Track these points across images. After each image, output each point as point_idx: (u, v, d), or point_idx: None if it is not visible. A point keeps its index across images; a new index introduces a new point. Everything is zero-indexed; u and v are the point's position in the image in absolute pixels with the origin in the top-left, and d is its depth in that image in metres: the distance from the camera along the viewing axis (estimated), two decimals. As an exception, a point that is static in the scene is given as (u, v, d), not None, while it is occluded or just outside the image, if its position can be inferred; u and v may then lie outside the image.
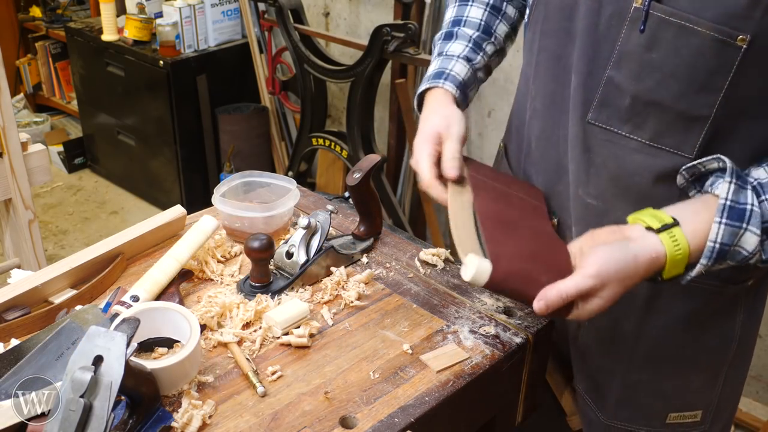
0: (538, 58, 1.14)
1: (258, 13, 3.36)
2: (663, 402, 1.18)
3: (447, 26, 1.28)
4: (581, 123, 1.06)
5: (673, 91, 0.97)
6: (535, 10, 1.14)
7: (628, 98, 1.00)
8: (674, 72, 0.96)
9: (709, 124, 0.97)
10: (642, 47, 0.97)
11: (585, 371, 1.24)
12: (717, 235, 0.93)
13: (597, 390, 1.22)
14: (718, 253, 0.94)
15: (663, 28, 0.94)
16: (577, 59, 1.04)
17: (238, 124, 3.45)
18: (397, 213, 2.88)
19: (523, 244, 1.09)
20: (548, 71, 1.12)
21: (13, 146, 1.87)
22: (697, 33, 0.92)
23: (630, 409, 1.19)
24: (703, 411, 1.19)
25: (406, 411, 1.02)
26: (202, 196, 3.52)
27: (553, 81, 1.11)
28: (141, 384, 0.95)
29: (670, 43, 0.94)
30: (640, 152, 1.02)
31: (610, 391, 1.20)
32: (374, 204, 1.37)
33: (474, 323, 1.20)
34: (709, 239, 0.93)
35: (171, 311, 1.10)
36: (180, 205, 1.39)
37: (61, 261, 1.24)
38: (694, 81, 0.95)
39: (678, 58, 0.95)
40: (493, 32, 1.27)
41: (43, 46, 4.34)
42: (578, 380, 1.26)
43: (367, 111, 2.79)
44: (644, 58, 0.97)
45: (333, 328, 1.18)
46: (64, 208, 3.83)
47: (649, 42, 0.96)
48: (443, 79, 1.20)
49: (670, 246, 0.94)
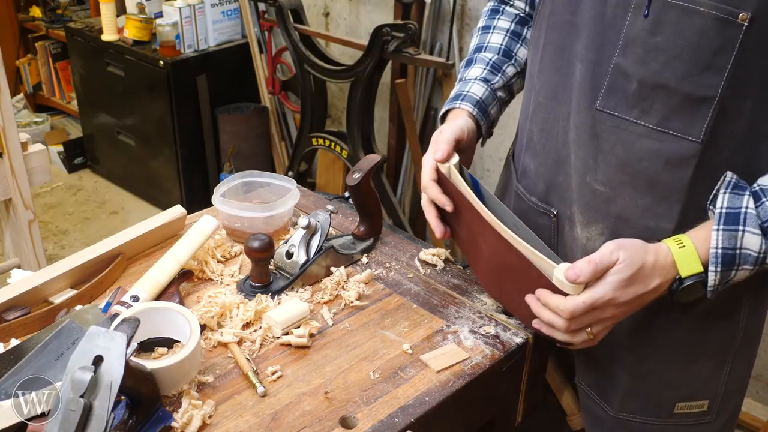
0: (543, 52, 1.17)
1: (258, 13, 3.36)
2: (671, 391, 1.19)
3: (469, 54, 1.36)
4: (589, 111, 1.08)
5: (678, 72, 0.99)
6: (542, 6, 1.17)
7: (635, 83, 1.03)
8: (679, 53, 0.98)
9: (715, 106, 0.99)
10: (646, 32, 1.00)
11: (592, 364, 1.24)
12: (717, 242, 0.99)
13: (604, 383, 1.22)
14: (723, 258, 0.99)
15: (666, 11, 0.97)
16: (584, 49, 1.07)
17: (238, 124, 3.44)
18: (397, 213, 2.88)
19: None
20: (552, 63, 1.15)
21: (13, 146, 1.87)
22: (699, 13, 0.95)
23: (638, 400, 1.20)
24: (710, 401, 1.20)
25: (406, 411, 1.02)
26: (202, 196, 3.51)
27: (557, 73, 1.14)
28: (141, 384, 0.95)
29: (673, 25, 0.97)
30: (648, 137, 1.04)
31: (618, 383, 1.20)
32: (374, 204, 1.37)
33: (474, 323, 1.20)
34: (711, 246, 0.99)
35: (171, 311, 1.10)
36: (180, 205, 1.39)
37: (61, 261, 1.24)
38: (699, 61, 0.97)
39: (682, 39, 0.97)
40: (514, 55, 1.33)
41: (43, 46, 4.34)
42: (582, 375, 1.26)
43: (367, 111, 2.79)
44: (649, 42, 1.00)
45: (333, 328, 1.18)
46: (64, 208, 3.83)
47: (653, 26, 0.99)
48: (460, 101, 1.28)
49: (672, 242, 1.01)
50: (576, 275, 0.99)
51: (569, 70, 1.11)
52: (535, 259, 1.05)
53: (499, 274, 1.18)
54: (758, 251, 0.99)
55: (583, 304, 1.00)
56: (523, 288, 1.09)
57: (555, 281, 1.02)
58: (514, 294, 1.14)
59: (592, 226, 1.14)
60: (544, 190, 1.22)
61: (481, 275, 1.26)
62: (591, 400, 1.25)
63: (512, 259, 1.08)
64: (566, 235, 1.20)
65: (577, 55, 1.09)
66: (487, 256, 1.17)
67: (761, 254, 0.99)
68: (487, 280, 1.25)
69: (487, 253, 1.16)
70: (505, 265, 1.12)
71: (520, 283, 1.09)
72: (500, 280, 1.19)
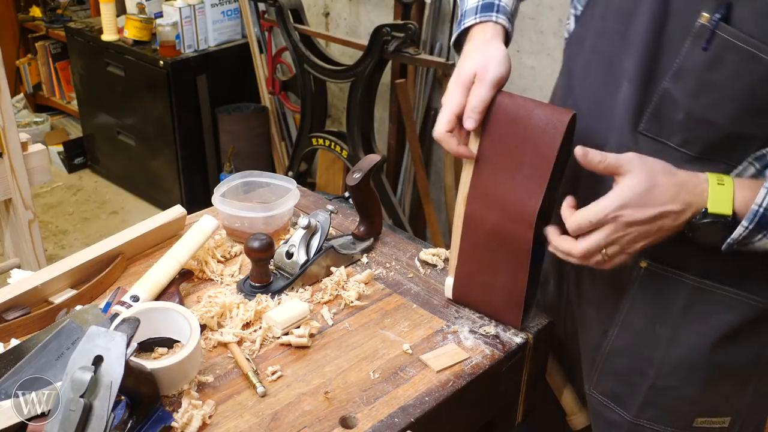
0: (590, 57, 1.11)
1: (258, 13, 3.36)
2: (690, 406, 1.16)
3: None
4: (632, 133, 1.05)
5: (729, 112, 0.96)
6: (592, 6, 1.10)
7: (682, 113, 0.99)
8: (733, 95, 0.95)
9: (760, 141, 0.97)
10: (703, 65, 0.95)
11: (611, 373, 1.21)
12: (764, 200, 0.94)
13: (622, 390, 1.20)
14: (761, 218, 0.94)
15: (728, 51, 0.93)
16: (634, 67, 1.03)
17: (238, 124, 3.44)
18: (397, 213, 2.88)
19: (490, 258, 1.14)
20: (599, 74, 1.10)
21: (13, 146, 1.87)
22: (761, 60, 0.91)
23: (657, 410, 1.18)
24: (732, 418, 1.17)
25: (406, 411, 1.02)
26: (202, 196, 3.51)
27: (602, 86, 1.09)
28: (141, 384, 0.95)
29: (733, 66, 0.93)
30: (689, 163, 1.02)
31: (637, 392, 1.18)
32: (374, 204, 1.37)
33: (474, 323, 1.20)
34: (755, 202, 0.95)
35: (171, 311, 1.10)
36: (180, 205, 1.39)
37: (61, 261, 1.24)
38: (752, 105, 0.94)
39: (740, 83, 0.94)
40: None
41: (43, 46, 4.34)
42: (594, 384, 1.23)
43: (367, 111, 2.79)
44: (704, 76, 0.96)
45: (333, 328, 1.18)
46: (64, 208, 3.83)
47: (712, 62, 0.94)
48: (495, 12, 1.11)
49: (713, 176, 0.97)
50: (584, 152, 0.99)
51: (615, 87, 1.06)
52: None
53: (495, 244, 1.14)
54: None
55: (587, 217, 0.98)
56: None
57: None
58: (503, 265, 1.13)
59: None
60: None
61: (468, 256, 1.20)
62: (605, 407, 1.23)
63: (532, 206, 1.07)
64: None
65: (625, 73, 1.04)
66: (496, 216, 1.12)
67: None
68: (474, 261, 1.19)
69: (501, 205, 1.11)
70: (515, 219, 1.09)
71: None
72: (492, 252, 1.15)
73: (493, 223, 1.13)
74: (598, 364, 1.21)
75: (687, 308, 1.11)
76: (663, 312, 1.12)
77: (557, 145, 1.04)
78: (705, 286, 1.08)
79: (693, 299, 1.10)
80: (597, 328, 1.21)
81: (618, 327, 1.17)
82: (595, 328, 1.21)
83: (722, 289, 1.07)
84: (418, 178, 2.91)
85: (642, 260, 1.10)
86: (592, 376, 1.24)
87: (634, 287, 1.13)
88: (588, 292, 1.22)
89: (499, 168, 1.11)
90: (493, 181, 1.12)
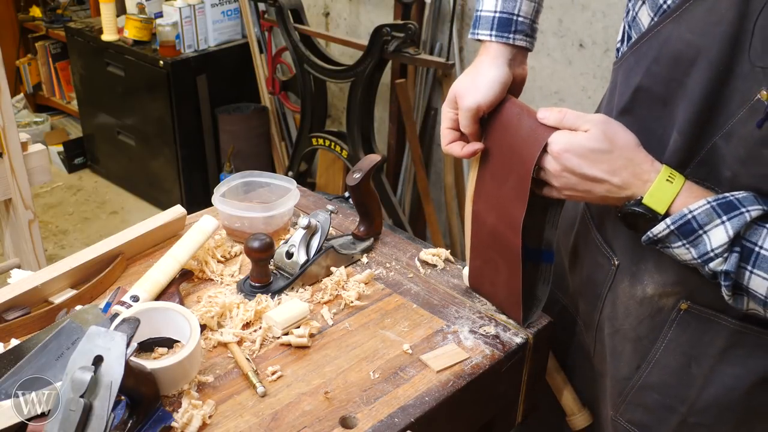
0: (637, 95, 1.05)
1: (258, 13, 3.36)
2: None
3: None
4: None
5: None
6: (644, 43, 1.03)
7: (730, 172, 0.96)
8: None
9: None
10: (756, 139, 0.92)
11: (640, 405, 1.18)
12: (697, 208, 0.93)
13: (650, 422, 1.18)
14: (685, 224, 0.93)
15: None
16: (687, 122, 0.98)
17: (238, 124, 3.45)
18: (397, 213, 2.88)
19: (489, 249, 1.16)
20: (648, 116, 1.04)
21: (13, 146, 1.87)
22: None
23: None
24: None
25: (406, 411, 1.02)
26: (202, 196, 3.52)
27: (650, 135, 1.03)
28: (141, 384, 0.95)
29: None
30: None
31: (665, 425, 1.16)
32: (374, 204, 1.37)
33: (474, 323, 1.20)
34: (688, 207, 0.93)
35: (171, 311, 1.10)
36: (180, 205, 1.39)
37: (61, 261, 1.24)
38: None
39: None
40: None
41: (43, 46, 4.34)
42: (622, 413, 1.21)
43: (367, 111, 2.79)
44: (755, 149, 0.92)
45: (333, 328, 1.18)
46: (64, 208, 3.83)
47: (765, 139, 0.90)
48: (513, 32, 1.09)
49: (666, 170, 0.97)
50: (545, 115, 0.99)
51: (665, 137, 1.01)
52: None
53: (497, 238, 1.15)
54: (712, 248, 0.92)
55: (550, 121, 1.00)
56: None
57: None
58: (500, 263, 1.15)
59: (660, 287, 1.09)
60: (610, 233, 1.13)
61: (479, 248, 1.22)
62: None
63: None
64: (621, 290, 1.14)
65: (676, 125, 0.99)
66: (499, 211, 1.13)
67: (712, 253, 0.93)
68: (484, 250, 1.21)
69: (504, 201, 1.11)
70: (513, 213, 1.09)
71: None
72: (493, 251, 1.17)
73: (492, 224, 1.15)
74: (627, 395, 1.19)
75: (725, 350, 1.08)
76: (700, 353, 1.10)
77: (535, 158, 1.02)
78: (745, 329, 1.05)
79: (732, 342, 1.07)
80: (630, 362, 1.18)
81: (651, 365, 1.15)
82: (628, 362, 1.19)
83: (762, 333, 1.05)
84: (418, 178, 2.92)
85: (682, 302, 1.08)
86: (619, 405, 1.21)
87: (672, 327, 1.11)
88: (623, 326, 1.18)
89: (495, 173, 1.12)
90: (491, 185, 1.14)
